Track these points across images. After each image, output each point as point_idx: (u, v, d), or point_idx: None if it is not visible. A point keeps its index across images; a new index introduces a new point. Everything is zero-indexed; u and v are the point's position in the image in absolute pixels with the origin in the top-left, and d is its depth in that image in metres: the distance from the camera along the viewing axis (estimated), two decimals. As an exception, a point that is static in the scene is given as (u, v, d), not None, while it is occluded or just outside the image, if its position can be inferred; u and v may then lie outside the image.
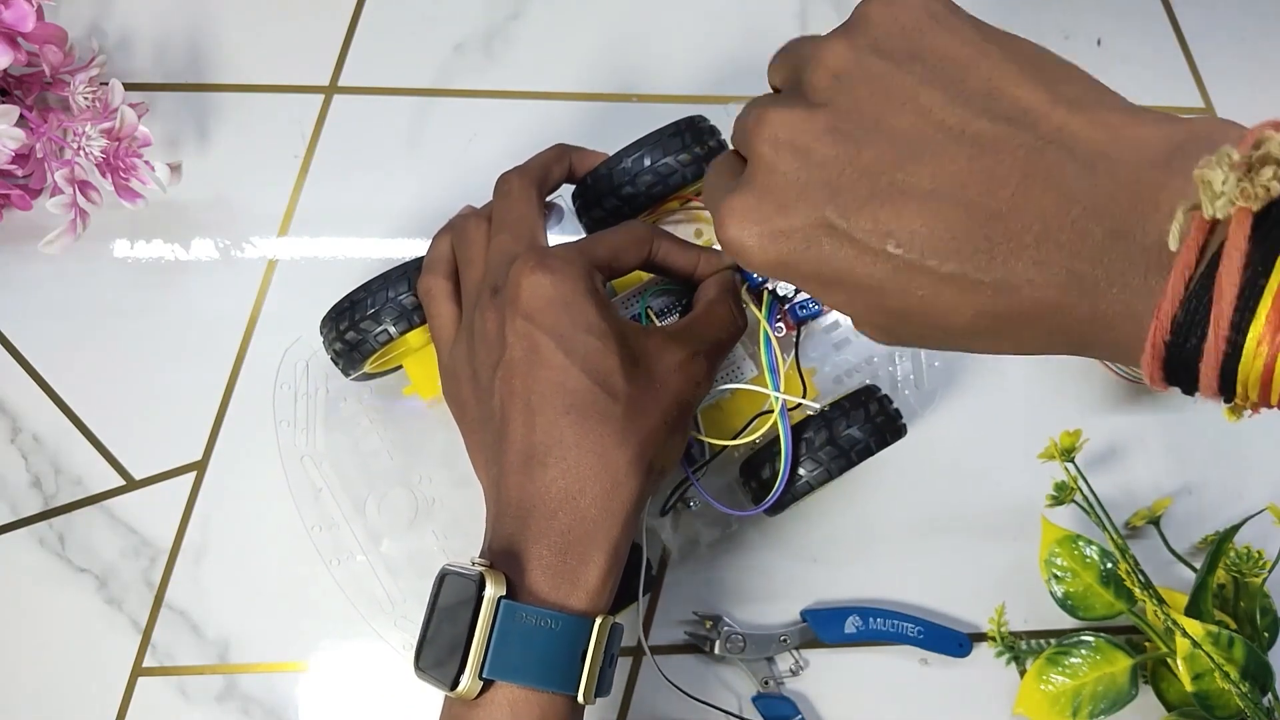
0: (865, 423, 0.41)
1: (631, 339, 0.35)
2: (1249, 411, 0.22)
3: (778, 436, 0.40)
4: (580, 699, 0.33)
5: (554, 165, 0.41)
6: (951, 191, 0.24)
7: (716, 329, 0.38)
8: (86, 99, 0.45)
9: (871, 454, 0.41)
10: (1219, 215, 0.20)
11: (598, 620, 0.33)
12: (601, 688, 0.33)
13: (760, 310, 0.40)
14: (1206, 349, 0.20)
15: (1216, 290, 0.20)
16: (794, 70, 0.29)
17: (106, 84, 0.45)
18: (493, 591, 0.31)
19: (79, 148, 0.44)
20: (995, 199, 0.24)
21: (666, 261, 0.39)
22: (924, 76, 0.25)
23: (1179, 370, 0.21)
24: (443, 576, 0.34)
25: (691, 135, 0.42)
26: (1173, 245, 0.21)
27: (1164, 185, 0.22)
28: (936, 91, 0.25)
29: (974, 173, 0.24)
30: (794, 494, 0.41)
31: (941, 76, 0.25)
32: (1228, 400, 0.21)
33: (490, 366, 0.35)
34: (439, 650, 0.32)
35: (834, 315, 0.46)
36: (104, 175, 0.45)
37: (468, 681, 0.31)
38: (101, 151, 0.44)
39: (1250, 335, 0.20)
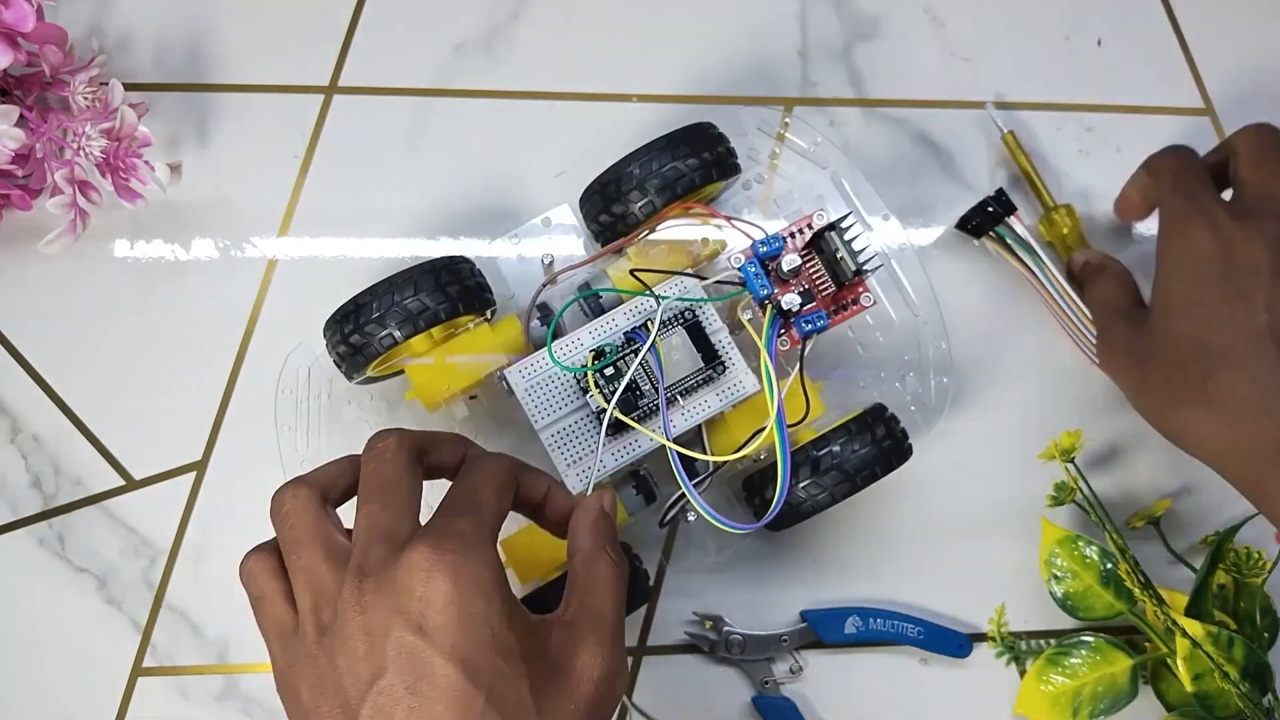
0: (872, 446, 0.40)
1: (539, 646, 0.30)
2: None
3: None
4: None
5: (443, 445, 0.35)
6: None
7: (605, 596, 0.32)
8: (86, 99, 0.45)
9: (877, 479, 0.41)
10: None
11: None
12: None
13: (763, 326, 0.39)
14: None
15: None
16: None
17: (106, 84, 0.45)
18: None
19: (79, 148, 0.44)
20: None
21: (531, 499, 0.36)
22: None
23: None
24: None
25: (701, 141, 0.41)
26: None
27: None
28: None
29: None
30: (799, 514, 0.41)
31: None
32: None
33: (361, 687, 0.28)
34: None
35: (840, 330, 0.45)
36: (104, 175, 0.45)
37: None
38: (101, 151, 0.44)
39: None
